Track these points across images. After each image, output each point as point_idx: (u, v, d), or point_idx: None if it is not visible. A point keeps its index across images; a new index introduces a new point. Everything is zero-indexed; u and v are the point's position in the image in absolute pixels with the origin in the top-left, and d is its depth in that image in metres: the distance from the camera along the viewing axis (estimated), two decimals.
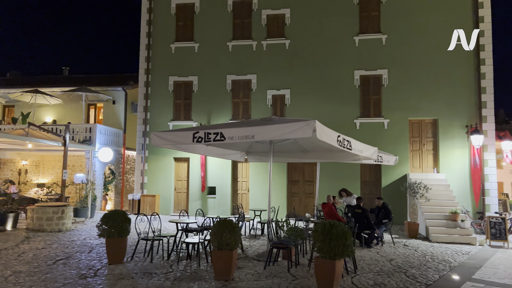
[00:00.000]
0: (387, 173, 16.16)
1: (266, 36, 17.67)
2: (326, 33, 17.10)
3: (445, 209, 13.09)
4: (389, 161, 11.92)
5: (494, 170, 15.30)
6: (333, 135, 7.45)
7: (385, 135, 16.26)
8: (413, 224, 12.85)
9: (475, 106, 15.58)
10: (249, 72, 17.65)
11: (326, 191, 14.87)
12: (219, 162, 17.28)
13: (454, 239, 11.87)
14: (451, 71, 15.88)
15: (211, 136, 7.37)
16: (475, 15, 15.78)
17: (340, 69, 16.87)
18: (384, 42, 16.55)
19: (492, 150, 15.37)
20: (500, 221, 11.62)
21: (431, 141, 16.18)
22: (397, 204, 15.32)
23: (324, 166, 15.73)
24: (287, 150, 11.18)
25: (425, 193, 13.48)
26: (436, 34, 16.12)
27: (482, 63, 15.55)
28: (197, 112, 17.96)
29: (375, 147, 9.77)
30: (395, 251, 10.26)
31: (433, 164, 16.04)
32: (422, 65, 16.15)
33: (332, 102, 16.77)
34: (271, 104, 17.39)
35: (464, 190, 15.35)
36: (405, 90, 16.24)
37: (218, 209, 17.33)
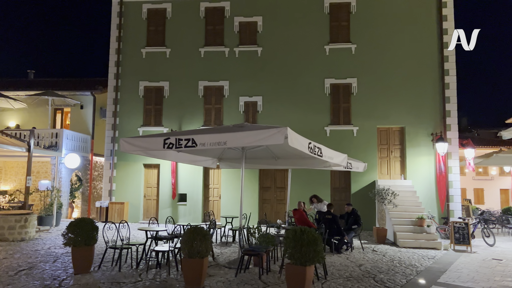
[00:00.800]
0: (356, 179, 16.48)
1: (238, 43, 17.73)
2: (297, 41, 17.35)
3: (412, 214, 13.46)
4: (358, 167, 12.16)
5: (458, 176, 15.88)
6: (305, 142, 7.54)
7: (354, 142, 16.59)
8: (382, 229, 13.12)
9: (439, 114, 16.17)
10: (222, 79, 17.64)
11: (297, 198, 14.97)
12: (191, 169, 17.12)
13: (420, 244, 12.20)
14: (417, 81, 16.43)
15: (182, 142, 7.30)
16: (439, 28, 16.43)
17: (311, 77, 17.14)
18: (354, 52, 16.96)
19: (456, 157, 15.97)
20: (463, 226, 12.05)
21: (399, 148, 16.64)
22: (366, 210, 15.62)
23: (296, 173, 15.86)
24: (259, 157, 11.21)
25: (393, 199, 13.82)
26: (403, 45, 16.66)
27: (446, 74, 16.18)
28: (168, 118, 17.76)
29: (345, 154, 9.95)
30: (364, 256, 10.43)
31: (400, 171, 16.49)
32: (390, 75, 16.64)
33: (303, 109, 16.98)
34: (243, 111, 17.42)
35: (430, 196, 15.84)
36: (373, 98, 16.66)
37: (189, 216, 17.12)
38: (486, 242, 12.88)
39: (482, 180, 32.11)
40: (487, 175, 32.21)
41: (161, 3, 18.36)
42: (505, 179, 30.38)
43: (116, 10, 18.56)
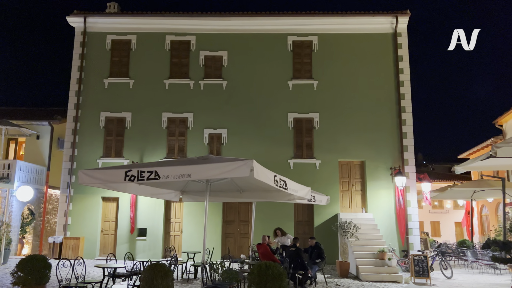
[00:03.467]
0: (319, 212, 16.59)
1: (203, 76, 17.88)
2: (262, 76, 17.74)
3: (373, 248, 13.62)
4: (321, 200, 12.27)
5: (416, 210, 16.38)
6: (270, 175, 7.55)
7: (317, 175, 16.83)
8: (344, 263, 13.16)
9: (398, 149, 16.80)
10: (186, 110, 17.59)
11: (261, 231, 14.78)
12: (151, 202, 16.62)
13: (382, 277, 12.30)
14: (376, 117, 17.09)
15: (144, 174, 7.10)
16: (396, 67, 17.35)
17: (275, 111, 17.44)
18: (316, 88, 17.51)
19: (414, 191, 16.52)
20: (422, 259, 12.30)
21: (359, 181, 17.03)
22: (329, 243, 15.66)
23: (259, 206, 15.73)
24: (223, 190, 11.06)
25: (355, 232, 13.98)
26: (362, 82, 17.41)
27: (403, 110, 16.99)
28: (129, 150, 17.35)
29: (308, 187, 10.03)
30: None
31: (361, 204, 16.80)
32: (350, 110, 17.23)
33: (268, 142, 17.15)
34: (207, 143, 17.35)
35: (390, 229, 16.16)
36: (335, 133, 17.12)
37: (148, 252, 16.46)
38: (444, 275, 13.17)
39: (438, 213, 33.28)
40: (443, 209, 33.45)
41: (126, 34, 18.34)
42: (459, 212, 31.61)
43: (79, 40, 18.32)
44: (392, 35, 17.64)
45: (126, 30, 18.34)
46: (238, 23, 18.03)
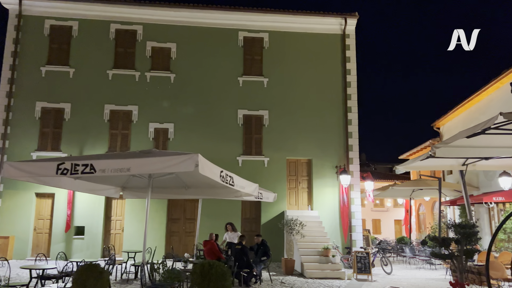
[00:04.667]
0: (266, 210, 16.54)
1: (150, 67, 17.17)
2: (212, 70, 17.36)
3: (318, 245, 13.76)
4: (268, 198, 12.16)
5: (359, 207, 16.81)
6: (216, 170, 7.27)
7: (265, 172, 16.76)
8: (290, 260, 13.17)
9: (343, 148, 17.14)
10: (130, 103, 16.80)
11: (207, 229, 14.44)
12: (91, 199, 15.68)
13: (326, 274, 12.44)
14: (324, 116, 17.33)
15: (79, 168, 6.54)
16: (344, 68, 17.69)
17: (224, 107, 17.14)
18: (266, 85, 17.43)
19: (358, 189, 16.95)
20: (364, 255, 12.60)
21: (306, 179, 17.19)
22: (275, 240, 15.65)
23: (206, 203, 15.39)
24: (167, 186, 10.60)
25: (301, 229, 14.04)
26: (311, 82, 17.57)
27: (349, 111, 17.36)
28: (67, 143, 16.26)
29: (256, 183, 9.86)
30: None
31: (307, 202, 16.97)
32: (299, 109, 17.34)
33: (216, 138, 16.81)
34: (153, 138, 16.68)
35: (334, 226, 16.46)
36: (283, 131, 17.14)
37: (86, 251, 15.53)
38: (384, 271, 13.60)
39: (379, 211, 34.67)
40: (383, 207, 34.89)
41: (66, 20, 17.17)
42: (399, 210, 33.12)
43: (13, 23, 16.87)
44: (341, 36, 17.98)
45: (67, 15, 17.16)
46: (188, 15, 17.50)
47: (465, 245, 5.98)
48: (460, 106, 20.06)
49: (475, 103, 18.86)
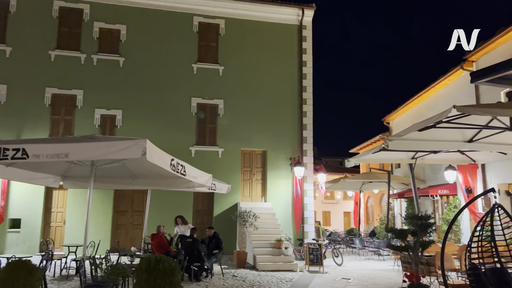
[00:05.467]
0: (219, 201, 16.13)
1: (97, 50, 16.07)
2: (164, 56, 16.57)
3: (271, 237, 13.59)
4: (222, 189, 11.79)
5: (312, 199, 16.85)
6: (166, 158, 6.76)
7: (219, 163, 16.32)
8: (242, 253, 12.89)
9: (298, 140, 17.06)
10: (75, 87, 15.66)
11: (156, 222, 13.77)
12: (29, 189, 14.46)
13: (278, 266, 12.29)
14: (279, 107, 17.13)
15: (9, 153, 5.79)
16: (300, 59, 17.56)
17: (177, 95, 16.45)
18: (221, 73, 16.92)
19: (311, 181, 16.97)
20: (317, 247, 12.58)
21: (260, 171, 16.96)
22: (228, 233, 15.30)
23: (155, 195, 14.72)
24: (113, 175, 9.88)
25: (254, 221, 13.79)
26: (267, 72, 17.29)
27: (304, 103, 17.28)
28: (2, 128, 14.86)
29: (210, 174, 9.43)
30: (224, 283, 9.93)
31: (261, 193, 16.75)
32: (254, 99, 17.01)
33: (168, 127, 16.11)
34: (99, 125, 15.68)
35: (287, 218, 16.38)
36: (238, 121, 16.76)
37: (23, 246, 14.35)
38: (335, 262, 13.70)
39: (329, 203, 35.41)
40: (334, 199, 35.68)
41: None
42: (348, 203, 34.00)
43: None
44: (298, 27, 17.81)
45: None
46: None
47: (421, 236, 5.97)
48: (409, 102, 20.68)
49: (424, 99, 19.49)
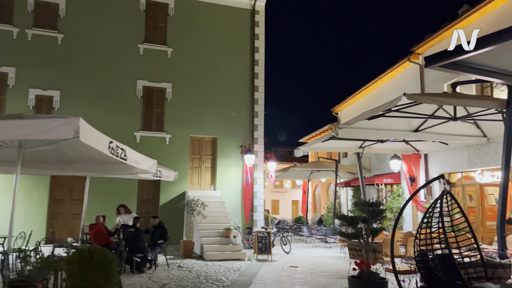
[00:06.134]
0: (166, 190, 15.50)
1: (33, 24, 14.70)
2: (108, 34, 15.50)
3: (219, 226, 13.25)
4: (168, 176, 11.20)
5: (262, 187, 16.69)
6: (104, 140, 6.16)
7: (166, 150, 15.65)
8: (189, 243, 12.46)
9: (249, 128, 16.76)
10: (6, 64, 14.24)
11: (98, 211, 12.90)
12: None
13: (226, 255, 12.00)
14: (230, 93, 16.69)
15: None
16: (252, 45, 17.18)
17: (121, 76, 15.49)
18: (170, 56, 16.14)
19: (261, 169, 16.78)
20: (265, 235, 12.43)
21: (210, 159, 16.49)
22: (175, 222, 14.78)
23: (97, 182, 13.85)
24: (47, 160, 9.00)
25: (202, 210, 13.36)
26: (219, 57, 16.75)
27: (256, 90, 16.97)
28: None
29: (155, 160, 8.85)
30: (169, 274, 9.47)
31: (210, 182, 16.32)
32: (205, 85, 16.44)
33: (111, 111, 15.15)
34: (33, 106, 14.41)
35: (236, 206, 16.11)
36: (188, 106, 16.14)
37: None
38: (283, 250, 13.65)
39: (278, 192, 35.73)
40: (282, 188, 36.04)
41: None
42: (296, 191, 34.47)
43: None
44: (251, 12, 17.39)
45: None
46: None
47: (372, 223, 5.90)
48: (357, 93, 21.10)
49: (371, 90, 19.94)
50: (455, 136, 11.73)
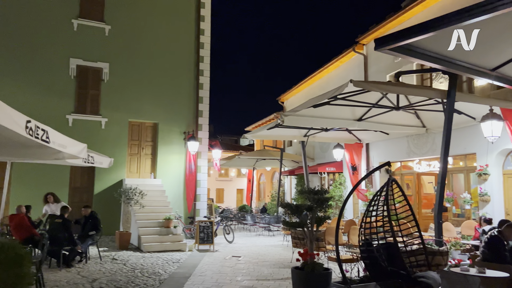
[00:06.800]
0: (101, 178, 14.49)
1: None
2: (38, 8, 14.03)
3: (159, 215, 12.61)
4: (102, 163, 10.39)
5: (205, 176, 16.16)
6: (20, 119, 5.33)
7: (102, 135, 14.60)
8: (125, 234, 11.73)
9: (193, 114, 16.09)
10: None
11: (23, 201, 11.72)
12: None
13: (166, 246, 11.43)
14: (174, 77, 15.89)
15: None
16: (197, 27, 16.45)
17: (52, 54, 14.14)
18: (107, 33, 14.99)
19: (205, 157, 16.24)
20: (208, 225, 12.00)
21: (151, 145, 15.66)
22: (111, 213, 13.89)
23: (21, 168, 12.62)
24: None
25: (140, 199, 12.59)
26: (162, 37, 15.85)
27: (201, 74, 16.29)
28: None
29: (85, 144, 8.04)
30: (101, 268, 8.75)
31: (151, 169, 15.52)
32: (146, 66, 15.50)
33: (41, 91, 13.81)
34: None
35: (178, 195, 15.47)
36: (127, 89, 15.13)
37: None
38: (226, 239, 13.32)
39: (223, 181, 35.35)
40: (228, 177, 35.70)
41: None
42: (241, 180, 34.29)
43: None
44: None
45: None
46: None
47: (317, 212, 5.69)
48: (303, 82, 21.12)
49: (317, 80, 20.03)
50: (397, 126, 11.98)
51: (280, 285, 7.30)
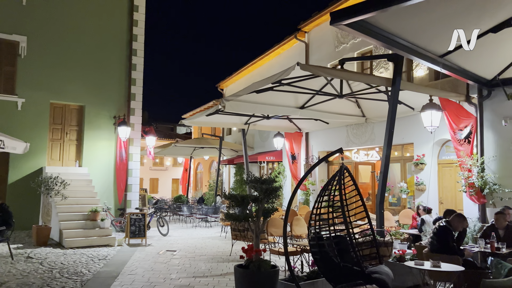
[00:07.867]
0: (16, 165, 12.84)
1: None
2: None
3: (85, 207, 11.41)
4: (15, 148, 9.09)
5: (138, 164, 15.02)
6: None
7: (18, 117, 12.91)
8: (43, 228, 10.43)
9: (124, 97, 14.80)
10: None
11: None
12: None
13: (92, 241, 10.34)
14: (103, 56, 14.46)
15: None
16: (131, 2, 15.09)
17: None
18: (25, 2, 13.20)
19: (138, 144, 15.08)
20: (140, 217, 11.07)
21: (76, 130, 14.18)
22: (29, 205, 12.40)
23: None
24: None
25: (62, 189, 11.26)
26: (89, 10, 14.28)
27: (134, 54, 15.00)
28: None
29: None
30: (12, 268, 7.56)
31: (76, 157, 14.08)
32: (71, 42, 13.92)
33: None
34: None
35: (107, 185, 14.22)
36: (48, 66, 13.49)
37: None
38: (160, 232, 12.48)
39: (158, 170, 33.91)
40: (163, 166, 34.31)
41: None
42: (177, 169, 33.10)
43: None
44: None
45: None
46: None
47: (265, 203, 5.16)
48: (243, 69, 20.55)
49: (258, 67, 19.55)
50: (338, 115, 11.87)
51: (220, 282, 6.73)
